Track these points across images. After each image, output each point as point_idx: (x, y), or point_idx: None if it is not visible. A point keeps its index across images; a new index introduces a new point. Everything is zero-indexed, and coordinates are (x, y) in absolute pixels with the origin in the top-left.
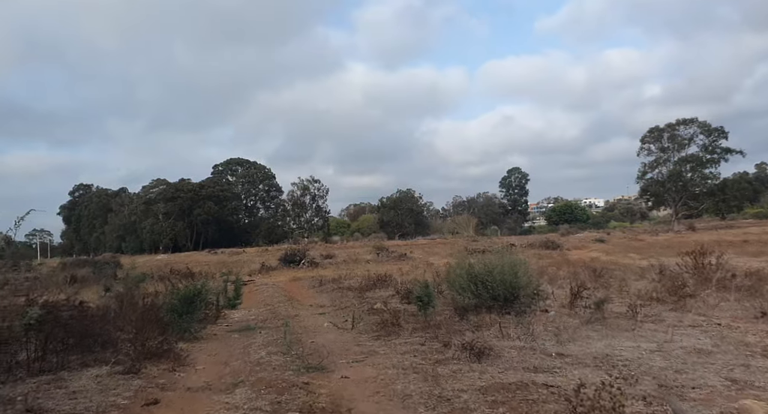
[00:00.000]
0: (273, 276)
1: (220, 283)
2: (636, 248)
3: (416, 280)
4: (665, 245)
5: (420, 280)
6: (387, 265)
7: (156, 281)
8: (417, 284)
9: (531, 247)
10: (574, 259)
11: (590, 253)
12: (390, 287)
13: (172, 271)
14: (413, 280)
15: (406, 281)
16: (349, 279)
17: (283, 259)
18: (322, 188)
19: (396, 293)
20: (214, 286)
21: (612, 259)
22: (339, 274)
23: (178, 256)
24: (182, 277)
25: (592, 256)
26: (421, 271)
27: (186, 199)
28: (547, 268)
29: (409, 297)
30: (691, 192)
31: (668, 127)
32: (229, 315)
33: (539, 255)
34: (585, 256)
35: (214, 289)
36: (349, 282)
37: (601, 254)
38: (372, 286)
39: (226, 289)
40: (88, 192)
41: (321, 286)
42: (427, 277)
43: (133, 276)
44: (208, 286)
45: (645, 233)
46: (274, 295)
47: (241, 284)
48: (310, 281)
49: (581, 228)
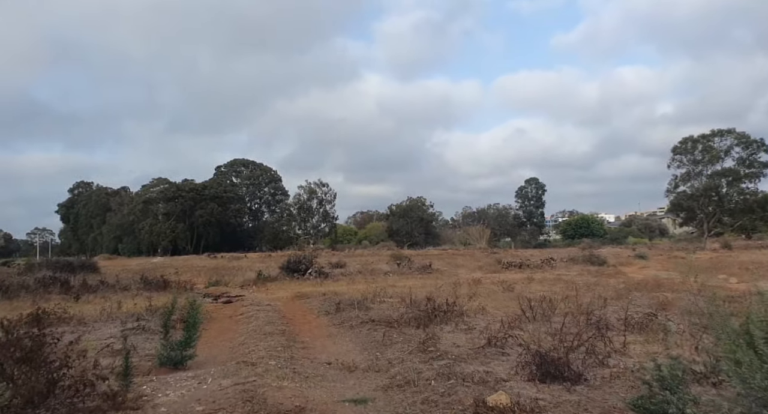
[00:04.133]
0: (271, 290)
1: (191, 299)
2: (705, 269)
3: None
4: (725, 265)
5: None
6: (413, 279)
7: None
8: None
9: (573, 262)
10: (649, 281)
11: (652, 272)
12: (462, 323)
13: (143, 279)
14: (510, 316)
15: (488, 313)
16: (379, 302)
17: (286, 267)
18: (329, 192)
19: (487, 341)
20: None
21: (699, 280)
22: (360, 292)
23: (174, 260)
24: (153, 287)
25: (661, 275)
26: (481, 293)
27: (187, 199)
28: (637, 290)
29: (546, 367)
30: (727, 208)
31: (702, 138)
32: (153, 395)
33: (591, 271)
34: (649, 276)
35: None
36: (382, 308)
37: (670, 274)
38: (426, 320)
39: (167, 328)
40: (88, 190)
41: (339, 312)
42: (508, 306)
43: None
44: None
45: (678, 251)
46: (264, 328)
47: (196, 315)
48: (321, 301)
49: (600, 243)
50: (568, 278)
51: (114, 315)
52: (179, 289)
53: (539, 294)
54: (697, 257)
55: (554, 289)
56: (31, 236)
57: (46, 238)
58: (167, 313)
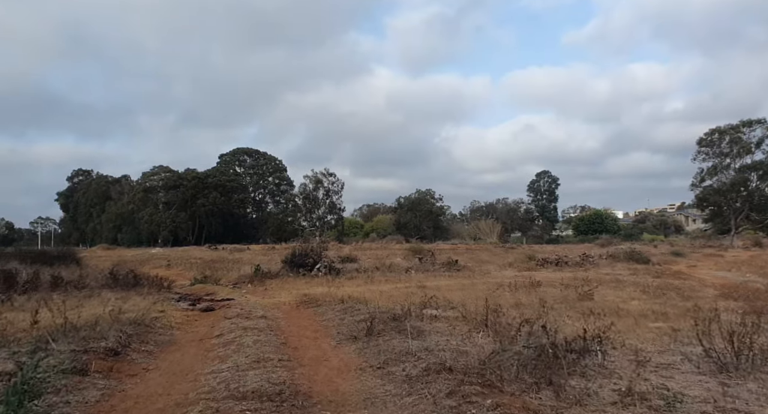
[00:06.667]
0: (270, 290)
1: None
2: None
3: None
4: None
5: None
6: (443, 278)
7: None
8: None
9: (614, 260)
10: (736, 286)
11: (712, 273)
12: (609, 375)
13: (112, 274)
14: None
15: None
16: (430, 317)
17: (290, 261)
18: (336, 182)
19: None
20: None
21: None
22: (387, 295)
23: (174, 251)
24: (121, 285)
25: (737, 279)
26: (550, 298)
27: (189, 187)
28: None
29: None
30: (756, 203)
31: (730, 129)
32: None
33: (640, 270)
34: (720, 277)
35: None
36: (440, 330)
37: (746, 276)
38: (544, 368)
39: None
40: (88, 178)
41: (372, 337)
42: (647, 331)
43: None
44: None
45: (707, 248)
46: (246, 379)
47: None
48: (339, 313)
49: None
50: (628, 279)
51: (15, 336)
52: (152, 289)
53: (634, 305)
54: (735, 255)
55: (632, 294)
56: (34, 225)
57: (49, 227)
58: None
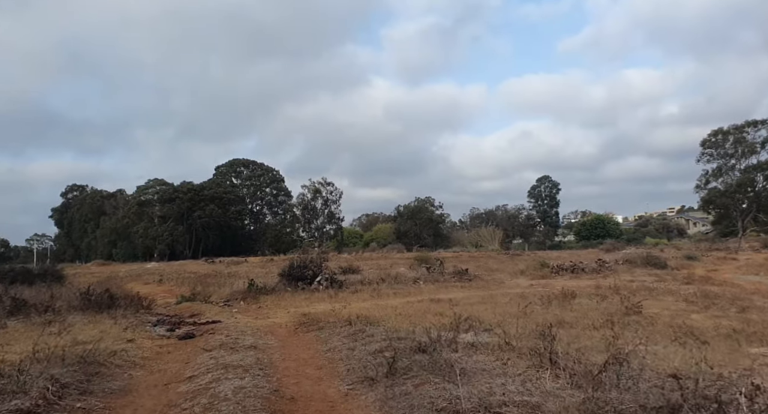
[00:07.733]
0: (265, 309)
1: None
2: None
3: None
4: None
5: None
6: (456, 290)
7: None
8: None
9: (631, 265)
10: None
11: (741, 276)
12: None
13: (87, 293)
14: None
15: None
16: (465, 345)
17: (288, 274)
18: (335, 192)
19: None
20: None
21: None
22: (402, 313)
23: (169, 265)
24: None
25: None
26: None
27: (185, 200)
28: None
29: None
30: (764, 204)
31: (734, 130)
32: None
33: (663, 276)
34: (745, 280)
35: None
36: (485, 366)
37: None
38: None
39: None
40: (82, 193)
41: (395, 378)
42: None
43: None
44: None
45: (715, 251)
46: None
47: None
48: (347, 339)
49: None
50: (658, 287)
51: None
52: (128, 310)
53: (696, 319)
54: (748, 258)
55: (678, 305)
56: (30, 242)
57: (45, 244)
58: None
